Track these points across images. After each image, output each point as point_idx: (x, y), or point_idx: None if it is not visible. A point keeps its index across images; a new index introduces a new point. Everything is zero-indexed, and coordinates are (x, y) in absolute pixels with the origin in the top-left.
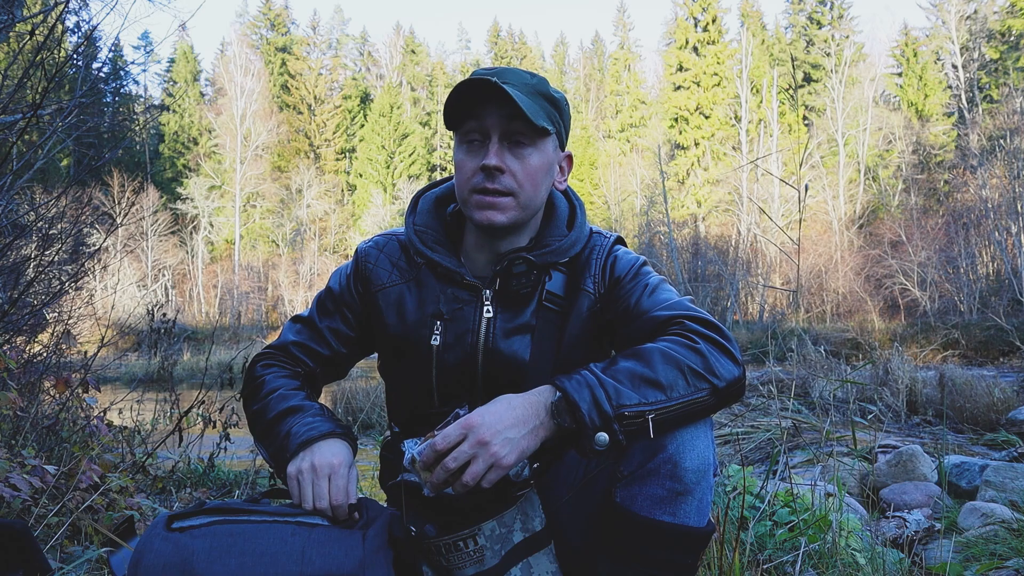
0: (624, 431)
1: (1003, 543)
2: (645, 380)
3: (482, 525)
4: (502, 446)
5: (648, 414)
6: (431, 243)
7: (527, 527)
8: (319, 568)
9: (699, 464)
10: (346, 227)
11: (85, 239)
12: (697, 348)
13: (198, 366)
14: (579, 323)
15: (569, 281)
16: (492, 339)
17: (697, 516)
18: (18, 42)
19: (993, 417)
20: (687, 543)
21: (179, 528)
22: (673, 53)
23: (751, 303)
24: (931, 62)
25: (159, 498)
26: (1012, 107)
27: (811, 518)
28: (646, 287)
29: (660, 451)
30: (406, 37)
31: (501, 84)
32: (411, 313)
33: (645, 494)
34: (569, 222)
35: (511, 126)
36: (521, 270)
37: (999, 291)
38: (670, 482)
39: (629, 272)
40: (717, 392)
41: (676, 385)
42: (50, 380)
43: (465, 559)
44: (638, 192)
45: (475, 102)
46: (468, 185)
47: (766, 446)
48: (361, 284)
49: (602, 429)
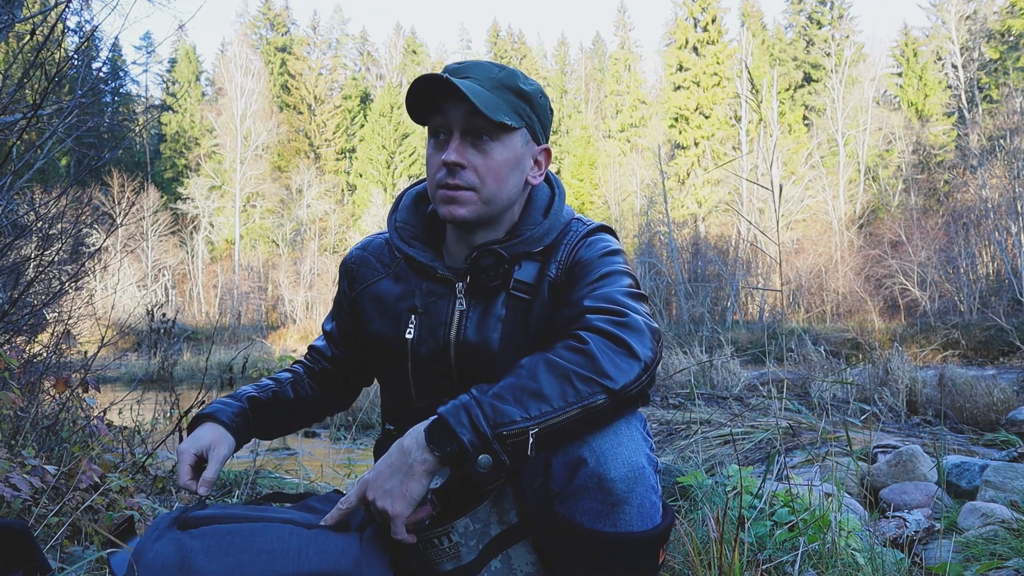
0: (507, 451)
1: (1003, 543)
2: (528, 392)
3: (455, 523)
4: (383, 499)
5: (531, 429)
6: (408, 238)
7: (503, 520)
8: (315, 566)
9: (627, 472)
10: (346, 227)
11: (85, 239)
12: (585, 350)
13: (198, 366)
14: (543, 309)
15: (540, 269)
16: (463, 331)
17: (640, 521)
18: (18, 42)
19: (993, 417)
20: (636, 548)
21: (179, 527)
22: (673, 53)
23: (751, 303)
24: (931, 62)
25: (159, 498)
26: (1012, 107)
27: (811, 518)
28: (599, 275)
29: (582, 466)
30: (406, 37)
31: (458, 80)
32: (390, 307)
33: (582, 509)
34: (546, 211)
35: (472, 121)
36: (489, 263)
37: (999, 291)
38: (601, 494)
39: (590, 258)
40: (613, 394)
41: (564, 393)
42: (50, 380)
43: (442, 555)
44: (638, 192)
45: (437, 97)
46: (433, 180)
47: (765, 446)
48: (348, 282)
49: (483, 451)
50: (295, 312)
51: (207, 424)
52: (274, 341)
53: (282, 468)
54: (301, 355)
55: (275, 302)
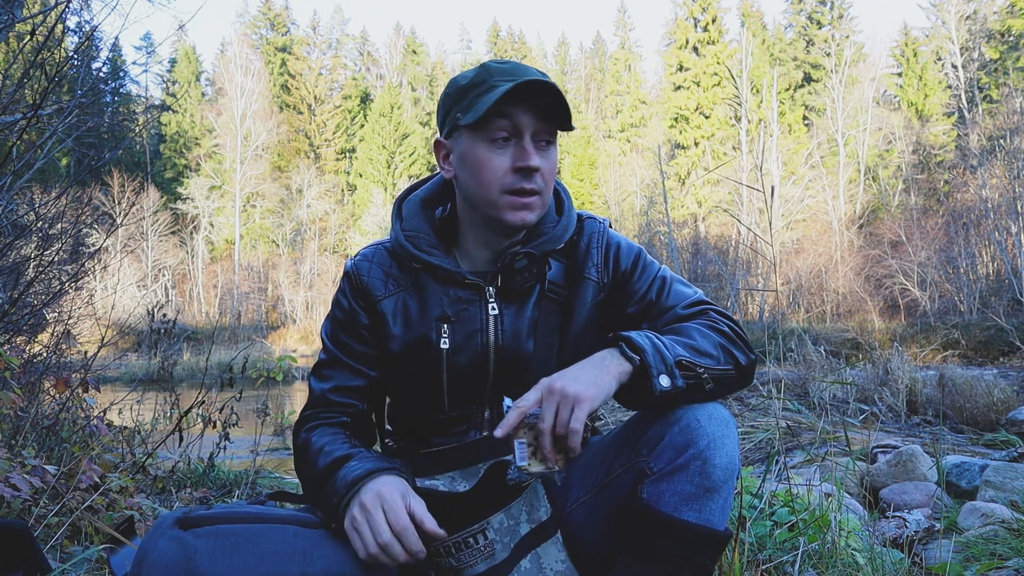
0: (684, 378)
1: (1003, 543)
2: (690, 347)
3: (491, 519)
4: (573, 384)
5: (699, 369)
6: (425, 247)
7: (533, 517)
8: (321, 569)
9: (727, 463)
10: (346, 227)
11: (85, 239)
12: (722, 330)
13: (198, 366)
14: (584, 311)
15: (568, 269)
16: (501, 336)
17: (720, 516)
18: (18, 42)
19: (993, 417)
20: (709, 543)
21: (184, 527)
22: (673, 53)
23: (751, 303)
24: (931, 62)
25: (159, 498)
26: (1012, 107)
27: (810, 518)
28: (664, 280)
29: (691, 447)
30: (406, 37)
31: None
32: (416, 319)
33: (673, 490)
34: (557, 209)
35: (543, 125)
36: (523, 264)
37: (999, 291)
38: (699, 478)
39: (635, 264)
40: (740, 370)
41: (715, 355)
42: (50, 380)
43: (476, 555)
44: (638, 192)
45: (510, 100)
46: (499, 185)
47: (765, 446)
48: (362, 299)
49: (665, 373)
50: (295, 312)
51: (382, 476)
52: (274, 341)
53: (282, 468)
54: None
55: (275, 302)
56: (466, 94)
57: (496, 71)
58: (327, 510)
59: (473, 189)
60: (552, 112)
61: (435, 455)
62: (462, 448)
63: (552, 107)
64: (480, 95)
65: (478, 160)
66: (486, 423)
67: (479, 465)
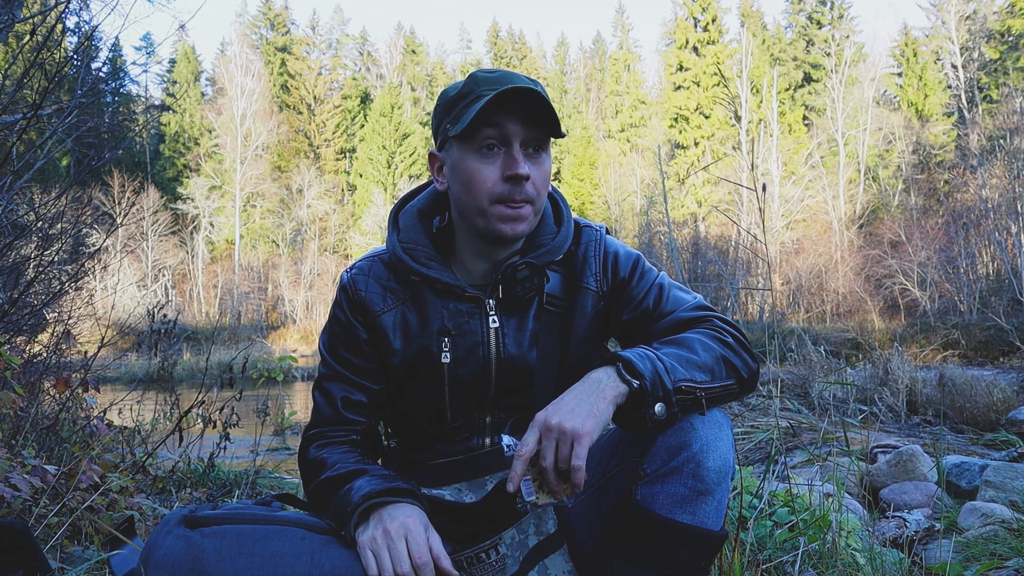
0: (679, 404)
1: (1003, 543)
2: (691, 363)
3: (503, 534)
4: (570, 419)
5: (698, 391)
6: (424, 259)
7: (541, 530)
8: (328, 571)
9: (721, 465)
10: (346, 227)
11: (85, 239)
12: (726, 341)
13: (198, 366)
14: (584, 322)
15: (567, 279)
16: (503, 348)
17: (715, 518)
18: (18, 42)
19: (993, 417)
20: (703, 544)
21: (191, 526)
22: (673, 53)
23: (751, 303)
24: (931, 62)
25: (159, 498)
26: (1012, 107)
27: (811, 518)
28: (661, 287)
29: (684, 450)
30: (406, 37)
31: (542, 92)
32: (416, 333)
33: (666, 492)
34: (555, 219)
35: (531, 132)
36: (524, 275)
37: (999, 291)
38: (692, 481)
39: (633, 271)
40: (742, 382)
41: (716, 370)
42: (50, 380)
43: (488, 570)
44: (638, 192)
45: (502, 108)
46: (487, 195)
47: (765, 446)
48: (360, 314)
49: (661, 400)
50: (295, 312)
51: (403, 503)
52: (274, 341)
53: (282, 468)
54: (295, 358)
55: (275, 302)
56: (454, 105)
57: (483, 80)
58: (339, 517)
59: (464, 200)
60: (540, 119)
61: (441, 467)
62: (467, 460)
63: (540, 114)
64: (467, 106)
65: (468, 170)
66: (487, 428)
67: (486, 478)
